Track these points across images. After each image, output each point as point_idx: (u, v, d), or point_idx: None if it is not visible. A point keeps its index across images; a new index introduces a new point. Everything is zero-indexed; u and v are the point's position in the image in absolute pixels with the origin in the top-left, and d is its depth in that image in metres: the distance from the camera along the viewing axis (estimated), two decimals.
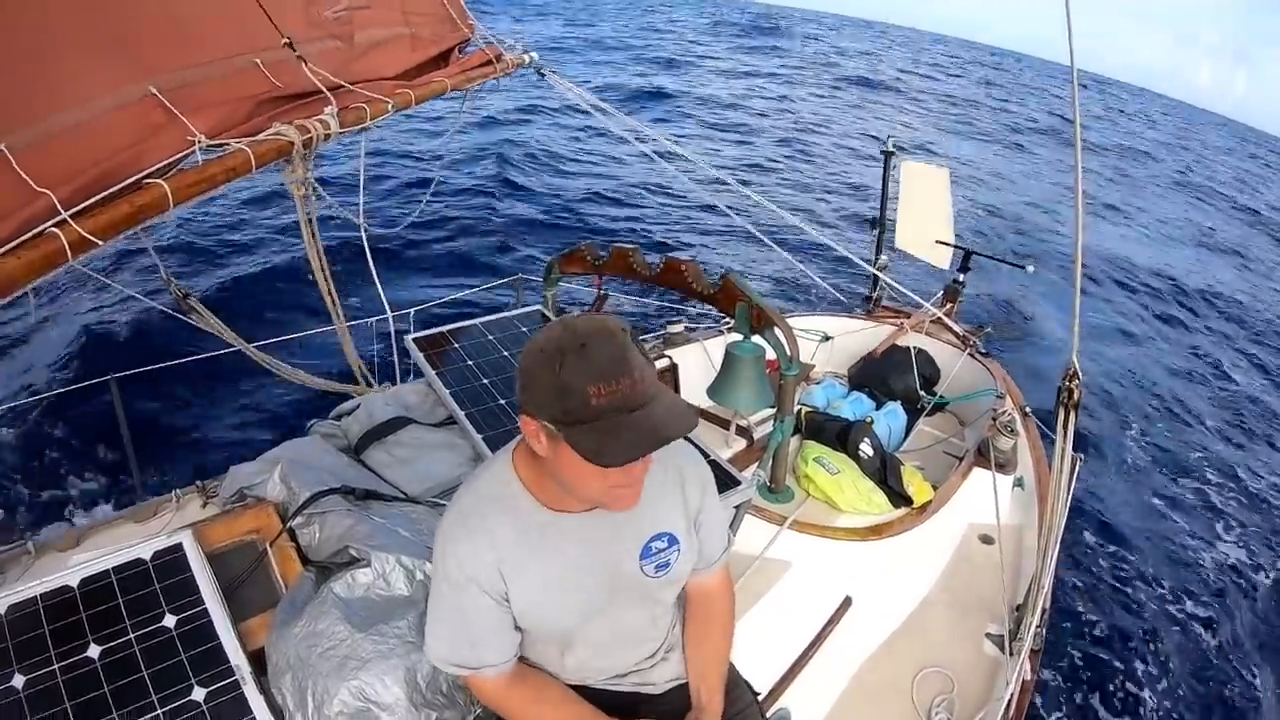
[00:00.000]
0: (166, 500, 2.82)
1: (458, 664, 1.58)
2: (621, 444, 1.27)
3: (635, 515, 1.57)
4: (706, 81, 29.82)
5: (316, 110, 2.81)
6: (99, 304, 8.74)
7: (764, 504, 3.32)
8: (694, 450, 1.81)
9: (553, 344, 1.29)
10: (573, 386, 1.25)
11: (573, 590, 1.57)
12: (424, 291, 9.46)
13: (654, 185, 16.48)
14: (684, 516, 1.68)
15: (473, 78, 3.97)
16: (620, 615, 1.66)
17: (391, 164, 14.18)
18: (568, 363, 1.26)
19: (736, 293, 3.17)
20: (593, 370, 1.25)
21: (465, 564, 1.50)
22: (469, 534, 1.51)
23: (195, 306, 3.78)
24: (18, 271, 1.70)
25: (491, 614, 1.54)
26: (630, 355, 1.29)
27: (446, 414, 3.06)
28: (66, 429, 6.66)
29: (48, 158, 1.87)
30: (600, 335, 1.29)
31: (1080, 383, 2.79)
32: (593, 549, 1.57)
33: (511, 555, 1.51)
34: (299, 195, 3.13)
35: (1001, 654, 3.13)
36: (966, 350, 5.30)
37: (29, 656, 1.83)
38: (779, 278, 11.73)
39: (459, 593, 1.52)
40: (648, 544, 1.61)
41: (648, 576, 1.62)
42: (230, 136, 2.42)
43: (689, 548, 1.68)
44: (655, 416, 1.28)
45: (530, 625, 1.59)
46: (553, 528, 1.53)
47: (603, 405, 1.25)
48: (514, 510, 1.53)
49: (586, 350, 1.26)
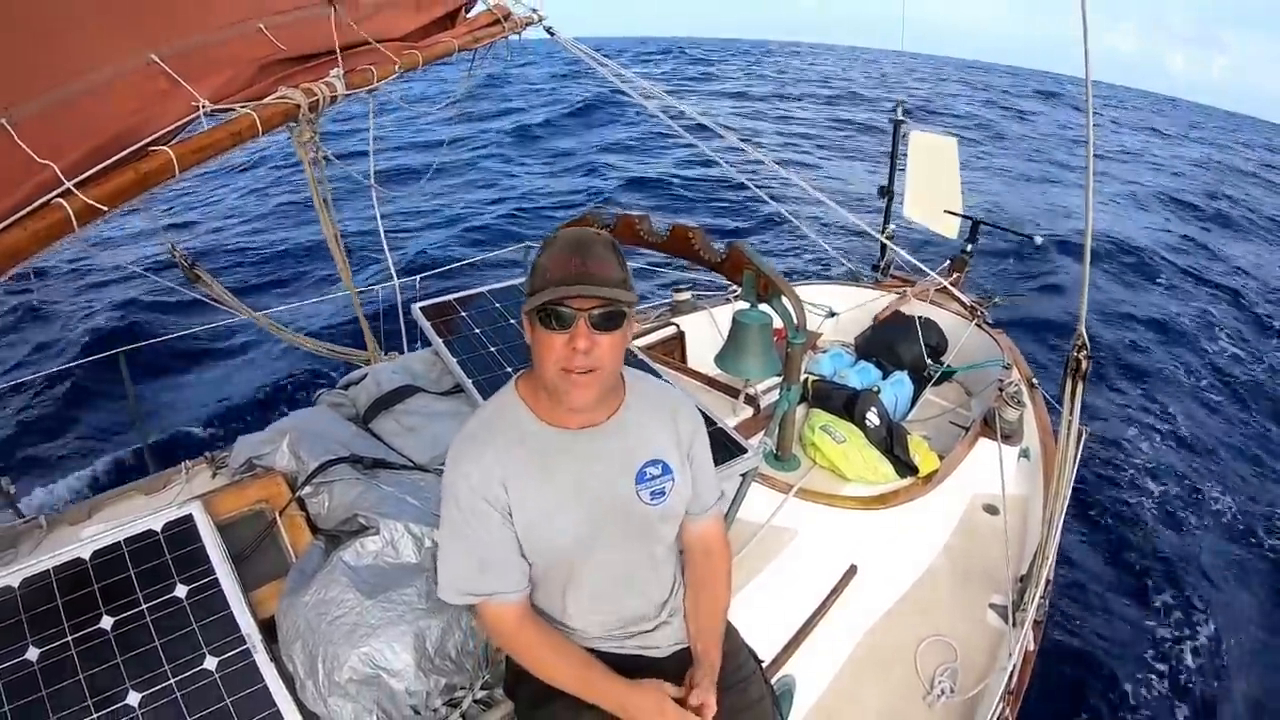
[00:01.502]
0: (176, 471, 2.84)
1: (469, 591, 1.62)
2: (546, 295, 1.44)
3: (628, 438, 1.68)
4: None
5: (322, 73, 2.77)
6: (106, 278, 8.76)
7: (770, 472, 3.32)
8: (682, 393, 1.92)
9: (545, 237, 1.57)
10: (538, 263, 1.50)
11: (571, 506, 1.62)
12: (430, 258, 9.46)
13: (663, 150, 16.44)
14: (676, 448, 1.74)
15: (480, 38, 3.90)
16: (621, 549, 1.70)
17: (399, 129, 14.14)
18: (544, 247, 1.52)
19: (744, 261, 3.15)
20: (553, 249, 1.50)
21: (472, 480, 1.58)
22: (474, 452, 1.61)
23: (202, 276, 3.77)
24: (23, 242, 1.69)
25: (500, 533, 1.60)
26: (591, 247, 1.49)
27: (454, 382, 3.07)
28: (76, 403, 6.70)
29: (51, 129, 1.85)
30: (575, 229, 1.55)
31: (1088, 353, 2.78)
32: (588, 465, 1.64)
33: (515, 468, 1.59)
34: (306, 159, 3.11)
35: (1005, 624, 3.14)
36: (974, 320, 5.28)
37: (42, 629, 1.85)
38: (786, 246, 11.69)
39: (467, 513, 1.59)
40: (642, 469, 1.68)
41: (644, 503, 1.67)
42: (235, 101, 2.38)
43: (683, 481, 1.74)
44: (583, 285, 1.44)
45: (531, 544, 1.62)
46: (551, 442, 1.63)
47: (554, 275, 1.45)
48: (515, 425, 1.64)
49: (557, 237, 1.53)
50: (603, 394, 1.60)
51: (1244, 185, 26.74)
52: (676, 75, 45.31)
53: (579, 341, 1.46)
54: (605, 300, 1.45)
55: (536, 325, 1.49)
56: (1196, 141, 42.49)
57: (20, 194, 1.73)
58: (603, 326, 1.48)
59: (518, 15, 4.24)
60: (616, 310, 1.48)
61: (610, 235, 1.52)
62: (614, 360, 1.54)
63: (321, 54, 2.87)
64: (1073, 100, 52.05)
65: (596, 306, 1.45)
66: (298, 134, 2.89)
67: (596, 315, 1.46)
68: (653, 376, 1.82)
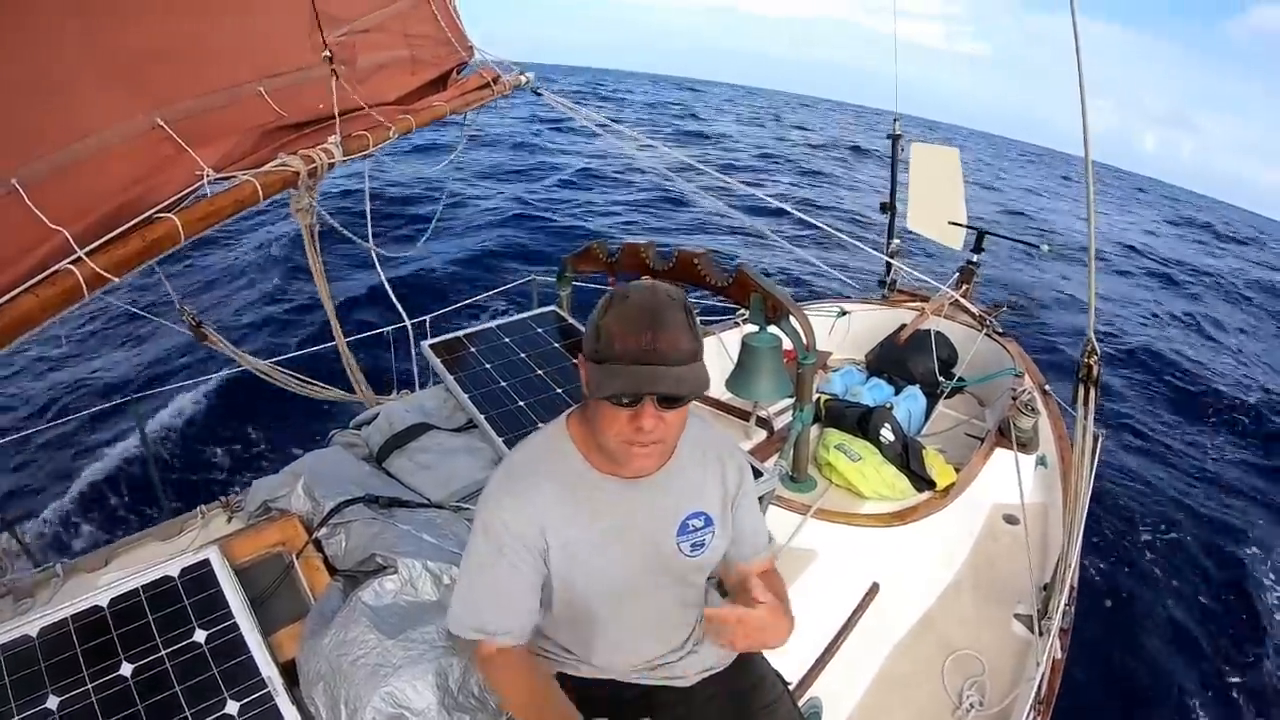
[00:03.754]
0: (192, 517, 2.84)
1: (478, 628, 1.57)
2: (614, 382, 1.36)
3: (674, 491, 1.62)
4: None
5: (320, 139, 2.83)
6: (116, 331, 8.83)
7: (787, 494, 3.31)
8: (729, 439, 1.84)
9: (611, 293, 1.43)
10: (605, 328, 1.38)
11: (610, 554, 1.59)
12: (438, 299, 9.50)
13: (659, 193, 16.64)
14: (720, 501, 1.70)
15: (470, 101, 3.98)
16: (652, 596, 1.67)
17: (395, 185, 14.29)
18: (611, 308, 1.39)
19: (751, 284, 3.16)
20: (624, 318, 1.37)
21: (509, 520, 1.53)
22: (518, 490, 1.55)
23: (208, 334, 3.82)
24: (35, 309, 1.72)
25: (526, 576, 1.56)
26: (664, 317, 1.36)
27: (466, 418, 3.07)
28: (91, 451, 6.72)
29: (59, 192, 1.88)
30: (645, 292, 1.40)
31: (1099, 358, 2.77)
32: (632, 515, 1.59)
33: (555, 511, 1.54)
34: (305, 224, 3.15)
35: (1031, 634, 3.11)
36: (984, 330, 5.26)
37: (62, 678, 1.85)
38: (791, 271, 11.73)
39: (496, 549, 1.54)
40: (685, 521, 1.64)
41: (683, 555, 1.64)
42: (237, 168, 2.44)
43: (723, 532, 1.70)
44: (659, 373, 1.35)
45: (564, 586, 1.59)
46: (597, 488, 1.57)
47: (624, 350, 1.35)
48: (562, 467, 1.58)
49: (628, 300, 1.39)
50: (664, 460, 1.58)
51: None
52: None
53: (645, 421, 1.39)
54: (677, 388, 1.37)
55: (601, 399, 1.41)
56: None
57: (32, 260, 1.76)
58: (671, 405, 1.41)
59: (506, 78, 4.30)
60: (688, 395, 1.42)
61: (682, 293, 1.43)
62: (679, 431, 1.50)
63: (320, 120, 2.91)
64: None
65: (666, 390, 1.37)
66: (296, 200, 2.93)
67: (665, 396, 1.39)
68: (699, 418, 1.76)
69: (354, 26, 3.36)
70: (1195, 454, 8.59)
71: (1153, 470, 8.00)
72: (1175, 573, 6.38)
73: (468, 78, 4.26)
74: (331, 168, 2.81)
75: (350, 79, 3.22)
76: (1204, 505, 7.48)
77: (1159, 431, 8.99)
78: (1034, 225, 23.86)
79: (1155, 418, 9.47)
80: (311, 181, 2.77)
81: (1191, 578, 6.36)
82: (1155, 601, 6.00)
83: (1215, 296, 19.09)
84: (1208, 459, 8.54)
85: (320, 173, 2.75)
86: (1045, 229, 23.14)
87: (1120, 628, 5.62)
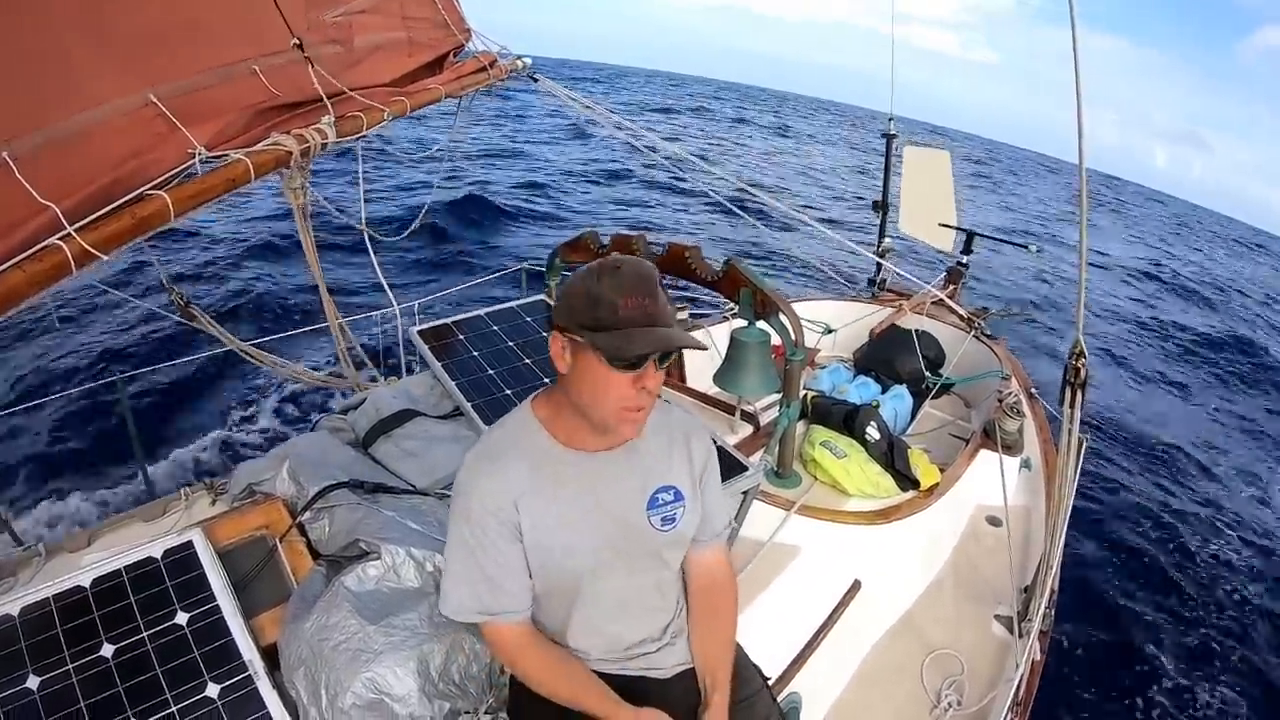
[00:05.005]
0: (175, 498, 2.83)
1: (476, 609, 1.61)
2: (638, 344, 1.42)
3: (642, 464, 1.68)
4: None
5: (314, 119, 2.81)
6: (103, 310, 8.78)
7: (771, 489, 3.31)
8: (695, 417, 1.90)
9: (596, 264, 1.50)
10: (605, 296, 1.43)
11: (581, 528, 1.62)
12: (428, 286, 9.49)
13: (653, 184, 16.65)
14: (689, 475, 1.75)
15: (466, 84, 3.96)
16: (628, 574, 1.69)
17: (390, 165, 14.22)
18: (604, 277, 1.45)
19: (740, 278, 3.16)
20: (623, 285, 1.44)
21: (485, 499, 1.57)
22: (488, 471, 1.60)
23: (195, 314, 3.81)
24: (22, 284, 1.71)
25: (508, 552, 1.59)
26: (655, 283, 1.47)
27: (453, 406, 3.07)
28: (75, 430, 6.69)
29: (51, 167, 1.87)
30: (634, 263, 1.49)
31: (1086, 361, 2.78)
32: (602, 488, 1.63)
33: (527, 489, 1.58)
34: (297, 204, 3.14)
35: (1010, 635, 3.13)
36: (971, 332, 5.28)
37: (43, 657, 1.84)
38: (783, 265, 11.73)
39: (477, 530, 1.58)
40: (654, 495, 1.68)
41: (654, 529, 1.67)
42: (229, 147, 2.42)
43: (694, 508, 1.74)
44: (671, 332, 1.46)
45: (538, 563, 1.62)
46: (566, 464, 1.62)
47: (628, 315, 1.42)
48: (531, 447, 1.63)
49: (620, 270, 1.46)
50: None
51: None
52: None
53: (648, 382, 1.47)
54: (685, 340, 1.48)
55: (602, 363, 1.45)
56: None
57: (21, 235, 1.75)
58: (662, 364, 1.49)
59: (503, 62, 4.29)
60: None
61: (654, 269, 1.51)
62: (658, 391, 1.56)
63: (314, 100, 2.90)
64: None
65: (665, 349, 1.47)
66: (289, 180, 2.92)
67: (660, 356, 1.48)
68: (663, 402, 1.82)
69: (351, 7, 3.35)
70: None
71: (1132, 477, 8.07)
72: (1158, 576, 6.44)
73: (464, 61, 4.24)
74: (325, 148, 2.80)
75: (346, 59, 3.20)
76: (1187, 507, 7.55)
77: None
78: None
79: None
80: (304, 161, 2.77)
81: (1173, 581, 6.42)
82: (1135, 606, 6.04)
83: None
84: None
85: (313, 153, 2.73)
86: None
87: (1099, 630, 5.66)
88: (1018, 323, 9.53)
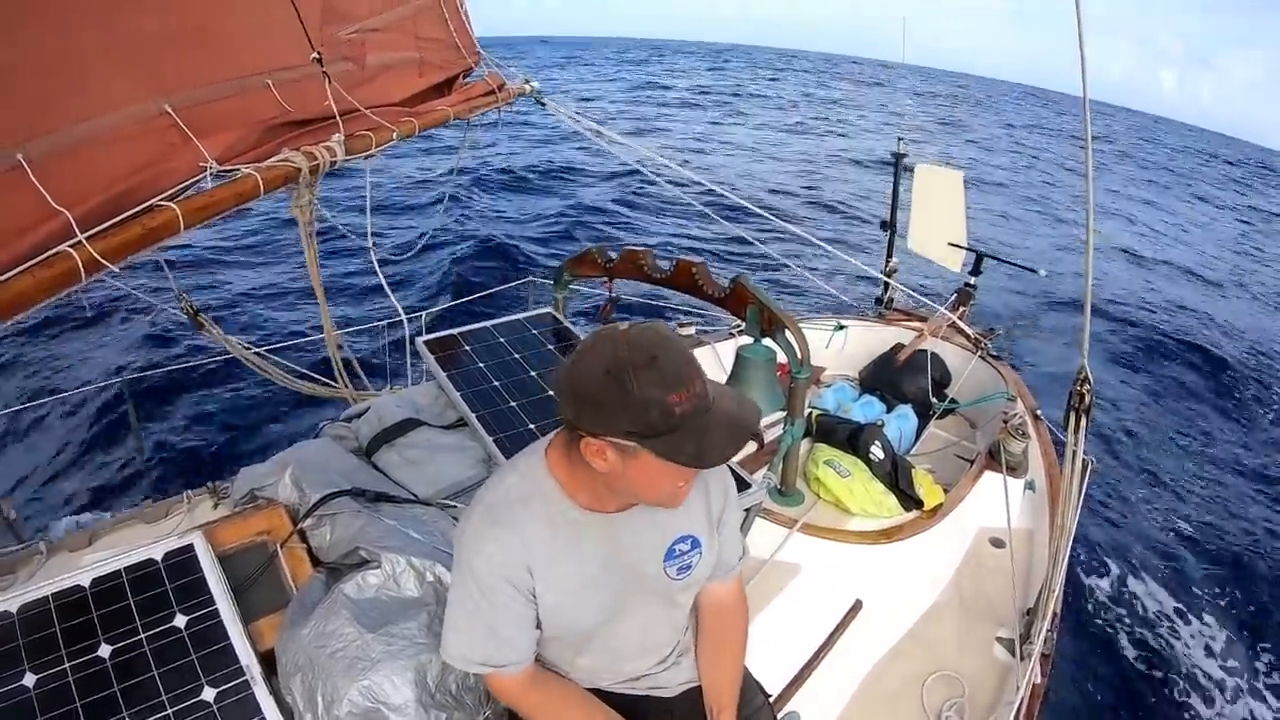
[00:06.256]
0: (178, 501, 2.84)
1: (481, 662, 1.57)
2: (717, 441, 1.32)
3: (661, 517, 1.61)
4: None
5: (323, 136, 2.84)
6: (112, 314, 8.84)
7: (774, 507, 3.31)
8: None
9: (617, 363, 1.29)
10: (653, 399, 1.27)
11: (597, 589, 1.58)
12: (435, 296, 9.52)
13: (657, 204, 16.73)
14: (707, 520, 1.70)
15: (475, 106, 4.01)
16: (638, 617, 1.67)
17: (398, 187, 14.34)
18: (641, 378, 1.27)
19: (747, 295, 3.16)
20: (668, 380, 1.28)
21: (495, 562, 1.50)
22: (500, 531, 1.51)
23: (204, 322, 3.83)
24: (31, 290, 1.71)
25: (518, 612, 1.55)
26: (693, 357, 1.35)
27: (457, 416, 3.07)
28: (80, 431, 6.71)
29: (64, 172, 1.88)
30: (663, 345, 1.32)
31: (1091, 387, 2.77)
32: (620, 548, 1.58)
33: (542, 552, 1.52)
34: (303, 221, 3.15)
35: (1012, 658, 3.11)
36: (978, 353, 5.27)
37: (40, 655, 1.84)
38: (788, 284, 11.74)
39: (486, 591, 1.52)
40: (672, 546, 1.63)
41: (670, 578, 1.64)
42: (240, 161, 2.45)
43: (710, 551, 1.70)
44: (729, 409, 1.35)
45: (552, 624, 1.59)
46: (583, 526, 1.55)
47: (686, 411, 1.29)
48: (545, 506, 1.54)
49: (657, 362, 1.28)
50: None
51: None
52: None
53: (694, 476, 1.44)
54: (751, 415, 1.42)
55: (669, 464, 1.34)
56: None
57: (31, 240, 1.76)
58: None
59: (511, 86, 4.32)
60: None
61: (673, 329, 1.44)
62: None
63: (324, 118, 2.93)
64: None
65: None
66: (296, 197, 2.93)
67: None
68: None
69: (365, 25, 3.38)
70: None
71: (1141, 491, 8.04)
72: (1163, 602, 6.40)
73: (473, 83, 4.28)
74: (334, 165, 2.82)
75: (357, 77, 3.23)
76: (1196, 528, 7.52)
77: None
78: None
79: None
80: (312, 179, 2.77)
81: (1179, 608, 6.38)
82: (1138, 631, 6.01)
83: None
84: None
85: (321, 170, 2.75)
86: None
87: (1101, 654, 5.63)
88: (1030, 334, 9.51)
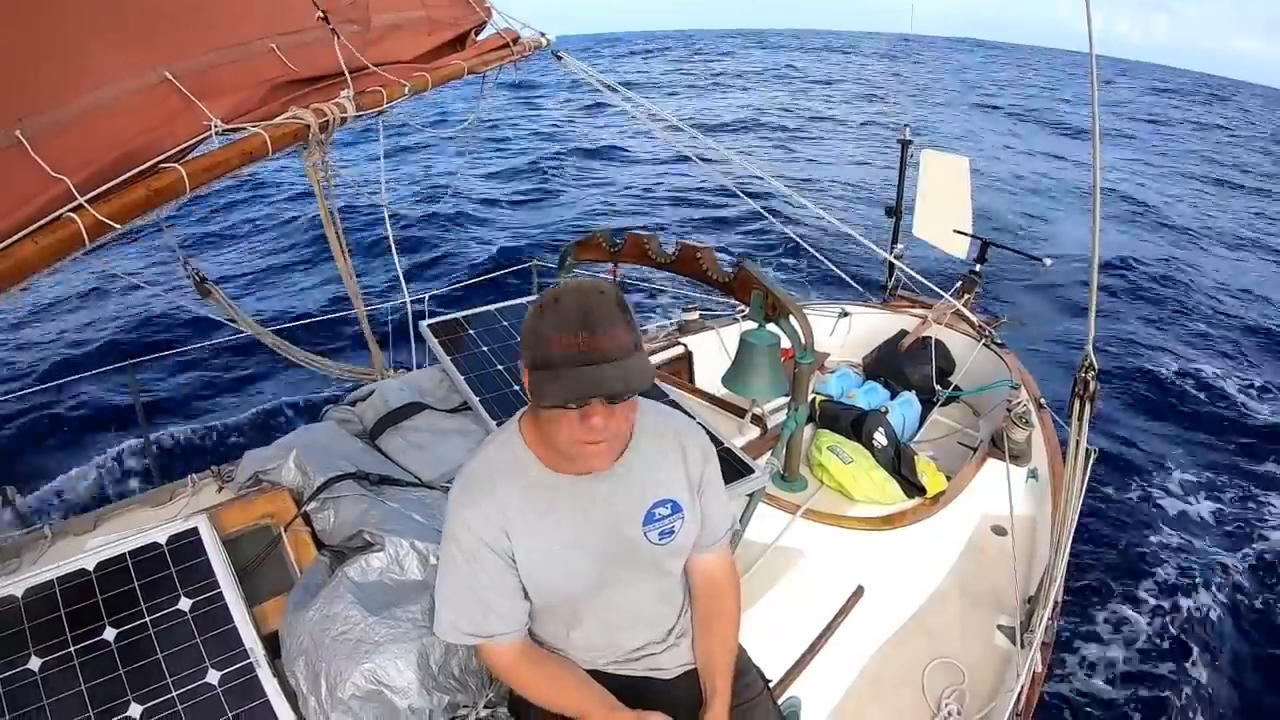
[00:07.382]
0: (182, 484, 2.84)
1: (468, 632, 1.60)
2: (557, 388, 1.34)
3: (636, 482, 1.62)
4: None
5: (333, 94, 2.80)
6: (116, 289, 8.82)
7: (777, 492, 3.31)
8: (691, 421, 1.85)
9: (544, 296, 1.41)
10: (540, 334, 1.37)
11: (576, 553, 1.59)
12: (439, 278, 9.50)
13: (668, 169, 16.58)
14: (686, 485, 1.70)
15: (489, 61, 3.93)
16: (629, 588, 1.68)
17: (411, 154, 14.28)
18: (544, 312, 1.38)
19: (752, 280, 3.15)
20: (557, 320, 1.34)
21: (474, 527, 1.54)
22: (477, 498, 1.56)
23: (212, 290, 3.79)
24: (33, 257, 1.69)
25: (501, 577, 1.57)
26: (598, 314, 1.34)
27: (461, 400, 3.07)
28: (84, 413, 6.72)
29: (65, 143, 1.86)
30: (576, 291, 1.38)
31: (1095, 374, 2.77)
32: (595, 511, 1.60)
33: (518, 516, 1.55)
34: (316, 180, 3.13)
35: (1013, 646, 3.11)
36: (982, 340, 5.26)
37: (45, 639, 1.85)
38: (793, 266, 11.71)
39: (469, 557, 1.56)
40: (650, 510, 1.64)
41: (652, 544, 1.65)
42: (246, 121, 2.41)
43: (693, 517, 1.71)
44: (603, 372, 1.33)
45: (538, 591, 1.61)
46: (558, 489, 1.58)
47: (558, 353, 1.34)
48: (520, 472, 1.58)
49: (559, 302, 1.36)
50: (619, 453, 1.58)
51: None
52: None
53: (595, 420, 1.38)
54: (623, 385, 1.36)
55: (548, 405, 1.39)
56: None
57: (32, 207, 1.74)
58: (617, 400, 1.39)
59: (526, 39, 4.26)
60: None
61: (615, 288, 1.41)
62: (629, 424, 1.50)
63: (332, 75, 2.89)
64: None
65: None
66: (307, 155, 2.90)
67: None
68: (658, 404, 1.78)
69: None
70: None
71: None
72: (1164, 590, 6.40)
73: (486, 39, 4.22)
74: (344, 122, 2.79)
75: (365, 38, 3.18)
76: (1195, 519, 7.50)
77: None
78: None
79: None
80: (323, 136, 2.74)
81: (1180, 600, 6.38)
82: (1140, 617, 6.01)
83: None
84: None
85: (332, 127, 2.72)
86: None
87: (1103, 643, 5.64)
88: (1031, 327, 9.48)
